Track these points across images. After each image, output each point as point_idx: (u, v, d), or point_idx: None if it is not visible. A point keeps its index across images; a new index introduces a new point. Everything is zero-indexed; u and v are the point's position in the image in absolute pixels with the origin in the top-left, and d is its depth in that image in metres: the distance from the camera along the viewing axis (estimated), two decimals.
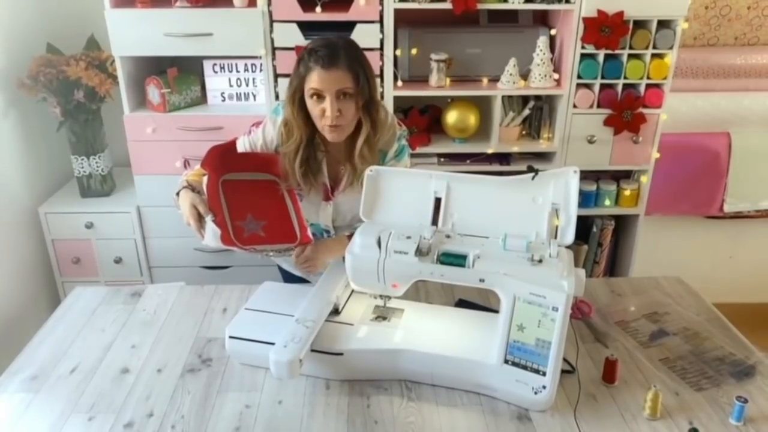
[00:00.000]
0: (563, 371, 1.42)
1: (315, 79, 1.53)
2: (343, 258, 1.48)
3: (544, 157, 2.55)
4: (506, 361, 1.38)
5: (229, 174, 1.63)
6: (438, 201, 1.48)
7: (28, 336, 1.68)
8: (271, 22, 2.28)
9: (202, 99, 2.54)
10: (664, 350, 1.58)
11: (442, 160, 2.53)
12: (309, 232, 1.67)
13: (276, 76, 2.36)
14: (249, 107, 2.51)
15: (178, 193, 1.63)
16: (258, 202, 1.65)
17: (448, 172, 1.49)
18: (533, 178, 1.42)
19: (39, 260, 2.58)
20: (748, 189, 2.79)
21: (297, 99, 1.59)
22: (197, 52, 2.34)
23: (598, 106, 2.43)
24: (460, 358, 1.43)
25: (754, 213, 2.89)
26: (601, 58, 2.36)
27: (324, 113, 1.55)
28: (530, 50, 2.39)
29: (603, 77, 2.38)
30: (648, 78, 2.38)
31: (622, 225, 2.71)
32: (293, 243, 1.65)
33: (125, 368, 1.53)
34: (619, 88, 2.40)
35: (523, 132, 2.57)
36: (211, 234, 1.56)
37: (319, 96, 1.55)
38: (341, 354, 1.45)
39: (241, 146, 1.73)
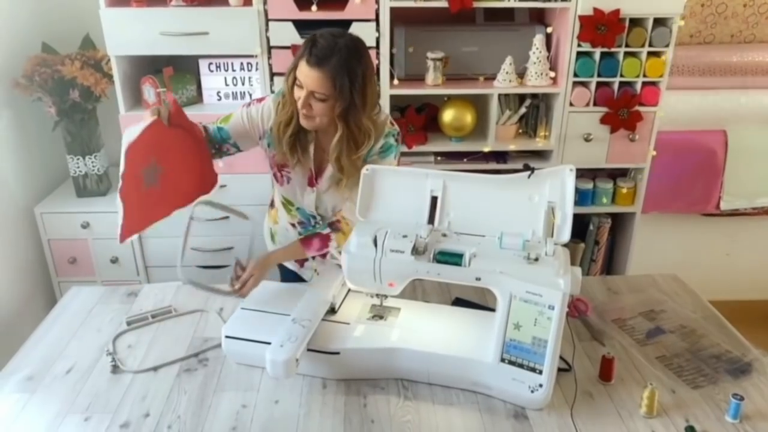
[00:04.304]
0: (560, 369, 1.43)
1: (300, 70, 1.54)
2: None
3: (540, 155, 2.55)
4: (503, 360, 1.38)
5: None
6: (434, 200, 1.47)
7: (24, 336, 1.67)
8: (267, 20, 2.28)
9: (198, 98, 2.53)
10: (660, 348, 1.58)
11: (438, 158, 2.53)
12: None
13: (272, 74, 2.35)
14: None
15: None
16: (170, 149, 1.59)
17: (445, 170, 1.49)
18: (529, 176, 1.42)
19: (35, 260, 2.58)
20: (744, 186, 2.79)
21: (291, 77, 1.60)
22: (193, 51, 2.33)
23: (595, 104, 2.43)
24: (456, 356, 1.43)
25: (750, 210, 2.89)
26: (597, 56, 2.36)
27: (298, 100, 1.57)
28: (526, 48, 2.39)
29: (599, 75, 2.38)
30: (644, 76, 2.38)
31: (619, 223, 2.71)
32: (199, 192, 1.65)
33: (121, 368, 1.53)
34: (616, 86, 2.41)
35: (520, 130, 2.57)
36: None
37: (299, 85, 1.56)
38: (338, 353, 1.45)
39: (238, 117, 1.74)
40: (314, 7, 2.26)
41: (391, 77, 2.37)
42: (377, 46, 2.30)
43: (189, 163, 1.64)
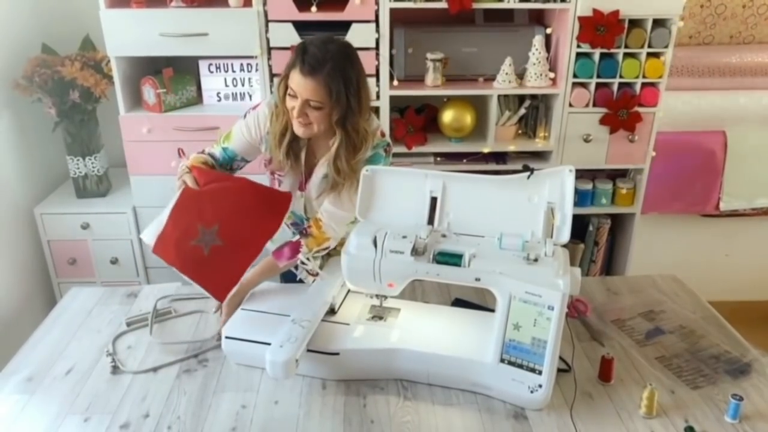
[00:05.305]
0: (559, 370, 1.43)
1: (293, 79, 1.54)
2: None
3: (540, 156, 2.55)
4: (502, 360, 1.38)
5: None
6: (434, 200, 1.48)
7: (23, 337, 1.67)
8: (267, 21, 2.28)
9: (198, 99, 2.54)
10: (660, 348, 1.58)
11: (438, 159, 2.53)
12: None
13: (272, 75, 2.35)
14: (245, 107, 2.48)
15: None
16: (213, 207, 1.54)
17: (444, 171, 1.49)
18: (529, 177, 1.42)
19: (35, 261, 2.58)
20: (743, 187, 2.79)
21: (283, 86, 1.59)
22: (193, 52, 2.34)
23: (594, 105, 2.43)
24: (456, 357, 1.43)
25: (749, 211, 2.89)
26: (596, 57, 2.36)
27: (293, 110, 1.56)
28: (526, 49, 2.39)
29: (599, 76, 2.39)
30: (643, 77, 2.38)
31: (619, 224, 2.71)
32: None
33: (121, 369, 1.53)
34: (615, 87, 2.41)
35: (519, 131, 2.57)
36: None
37: (292, 95, 1.56)
38: (337, 354, 1.45)
39: (238, 131, 1.74)
40: (314, 8, 2.26)
41: (391, 78, 2.37)
42: (377, 47, 2.30)
43: (239, 204, 1.56)
